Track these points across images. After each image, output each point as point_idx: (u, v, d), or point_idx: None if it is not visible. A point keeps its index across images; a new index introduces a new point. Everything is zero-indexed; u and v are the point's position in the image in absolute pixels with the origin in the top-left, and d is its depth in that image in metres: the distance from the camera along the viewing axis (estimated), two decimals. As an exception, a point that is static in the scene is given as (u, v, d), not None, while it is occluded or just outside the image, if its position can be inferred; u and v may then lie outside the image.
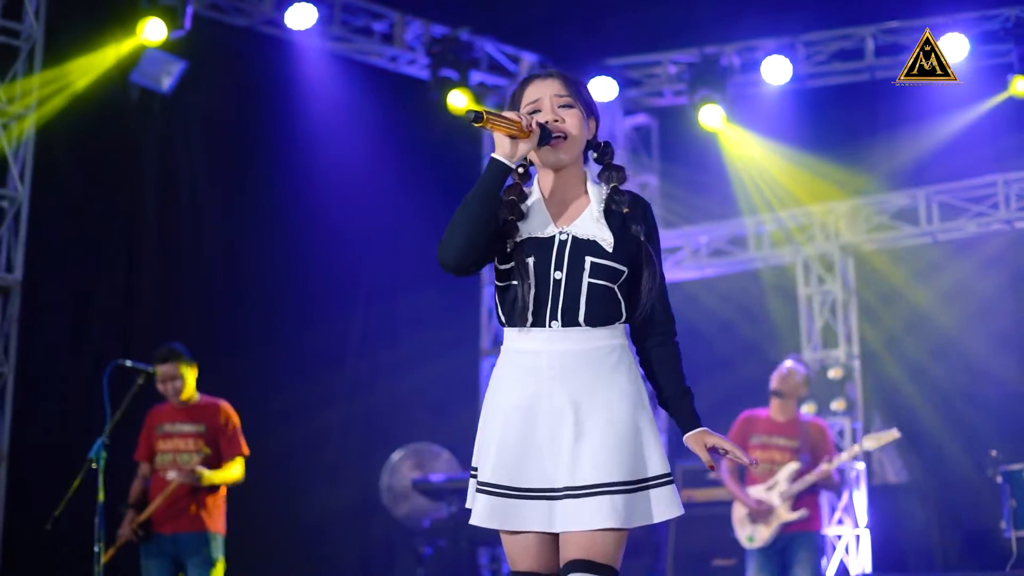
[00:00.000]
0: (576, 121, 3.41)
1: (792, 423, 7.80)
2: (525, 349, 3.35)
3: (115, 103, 9.58)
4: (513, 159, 3.31)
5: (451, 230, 3.30)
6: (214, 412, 7.01)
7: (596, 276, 3.32)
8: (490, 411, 3.39)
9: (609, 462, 3.21)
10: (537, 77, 3.50)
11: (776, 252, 10.74)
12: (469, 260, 3.30)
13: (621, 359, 3.35)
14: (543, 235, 3.37)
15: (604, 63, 11.18)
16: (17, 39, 8.75)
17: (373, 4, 10.43)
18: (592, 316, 3.31)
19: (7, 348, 8.49)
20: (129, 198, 9.83)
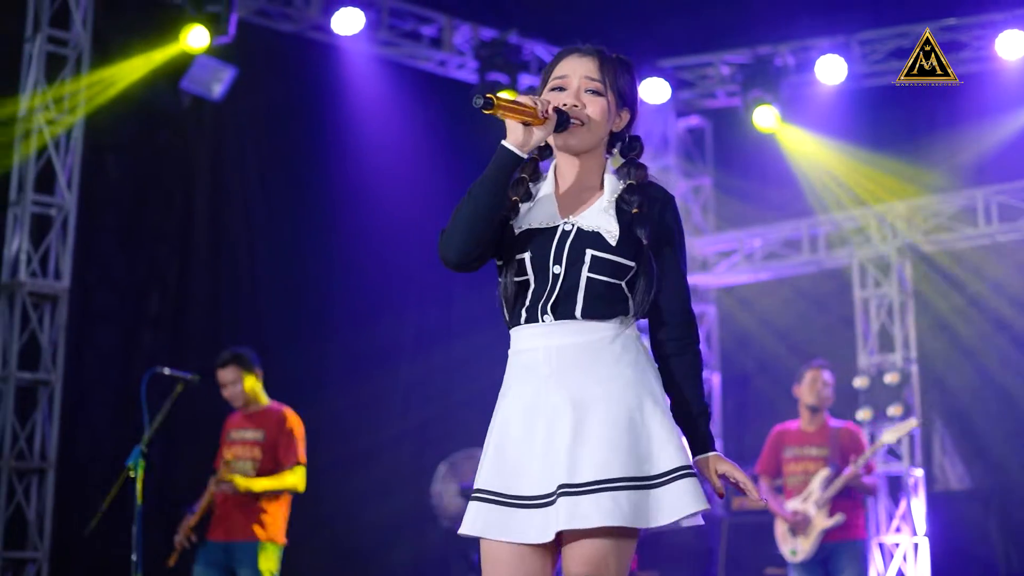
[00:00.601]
0: (599, 109, 3.13)
1: (822, 431, 7.73)
2: (522, 348, 3.13)
3: (166, 110, 9.64)
4: (525, 148, 3.04)
5: (454, 222, 3.07)
6: (274, 419, 6.95)
7: (597, 271, 3.06)
8: (493, 423, 3.17)
9: (610, 457, 2.94)
10: (575, 52, 3.20)
11: (832, 254, 10.56)
12: (473, 255, 3.09)
13: (626, 348, 3.08)
14: (546, 226, 3.13)
15: (656, 64, 11.07)
16: (65, 48, 8.80)
17: (421, 8, 10.38)
18: (589, 311, 3.06)
19: (55, 356, 8.53)
20: (180, 205, 9.86)
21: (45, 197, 8.63)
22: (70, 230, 8.66)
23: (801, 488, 7.61)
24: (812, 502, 7.50)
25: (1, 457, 8.24)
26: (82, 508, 8.18)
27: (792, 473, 7.69)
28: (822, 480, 7.51)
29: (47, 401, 8.47)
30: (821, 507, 7.47)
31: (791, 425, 7.87)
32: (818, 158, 10.68)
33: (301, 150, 10.47)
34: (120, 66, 9.06)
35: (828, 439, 7.64)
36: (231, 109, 9.82)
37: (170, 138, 9.81)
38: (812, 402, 7.70)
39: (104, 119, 9.10)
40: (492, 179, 3.05)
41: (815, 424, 7.74)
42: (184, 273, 9.79)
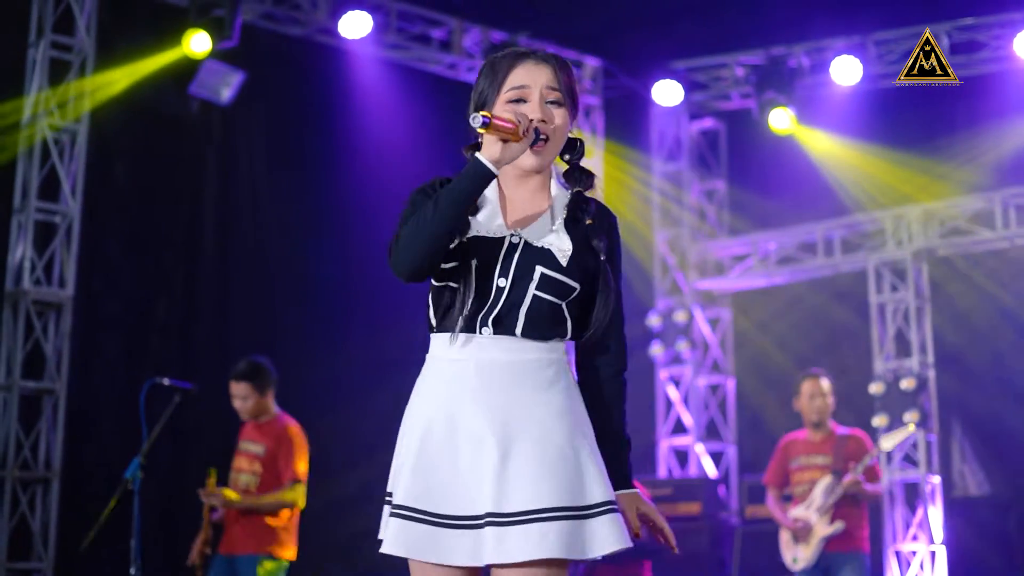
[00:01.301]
0: (563, 121, 3.04)
1: (828, 439, 7.64)
2: (451, 357, 2.98)
3: (173, 115, 9.57)
4: (500, 165, 2.91)
5: (414, 235, 2.90)
6: (277, 433, 6.87)
7: (543, 289, 2.95)
8: (407, 427, 3.03)
9: (540, 487, 2.82)
10: (528, 58, 3.06)
11: (847, 258, 10.42)
12: (428, 268, 2.94)
13: (559, 375, 2.97)
14: (492, 235, 3.00)
15: (669, 66, 10.96)
16: (69, 53, 8.74)
17: (430, 11, 10.28)
18: (530, 330, 2.94)
19: (59, 364, 8.47)
20: (188, 210, 9.79)
21: (49, 204, 8.57)
22: (74, 237, 8.60)
23: (806, 496, 7.54)
24: (814, 509, 7.43)
25: (5, 467, 8.18)
26: (87, 518, 8.06)
27: (799, 482, 7.62)
28: (824, 487, 7.42)
29: (51, 410, 8.41)
30: (822, 514, 7.39)
31: (799, 435, 7.79)
32: (833, 160, 10.55)
33: (310, 154, 10.39)
34: (125, 71, 9.00)
35: (833, 447, 7.55)
36: (239, 114, 9.75)
37: (177, 143, 9.74)
38: (814, 419, 7.63)
39: (110, 124, 9.05)
40: (464, 193, 2.91)
41: (821, 433, 7.66)
42: (192, 280, 9.72)
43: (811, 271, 10.69)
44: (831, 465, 7.48)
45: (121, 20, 9.17)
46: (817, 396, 7.63)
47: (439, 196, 2.91)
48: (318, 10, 9.77)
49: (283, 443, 6.82)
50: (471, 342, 2.96)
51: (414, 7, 10.20)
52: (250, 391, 6.85)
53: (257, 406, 6.86)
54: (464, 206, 2.91)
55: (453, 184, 2.93)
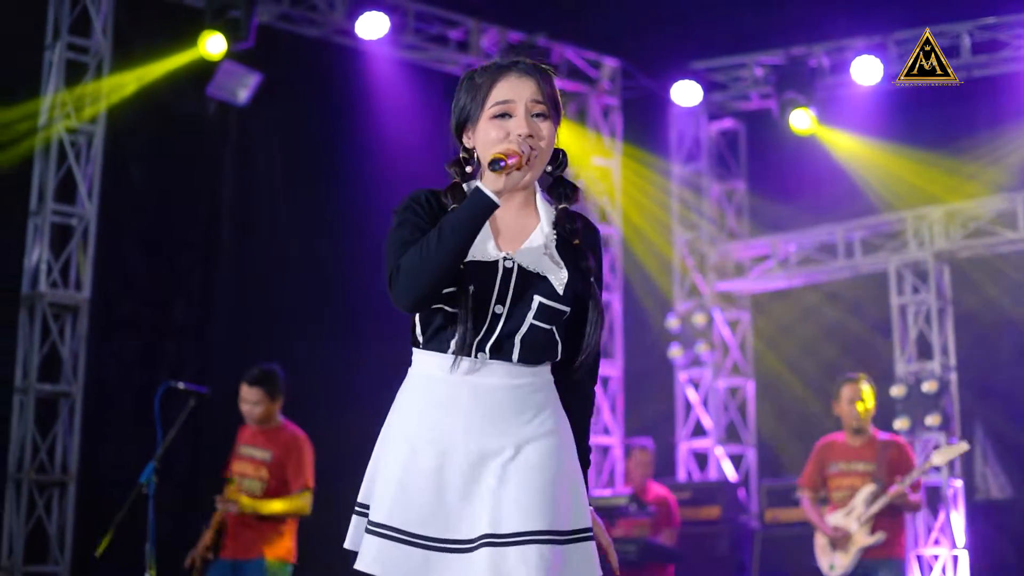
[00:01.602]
0: (549, 136, 2.96)
1: (869, 445, 7.44)
2: (443, 378, 2.92)
3: (190, 116, 9.54)
4: (504, 194, 2.85)
5: (418, 267, 2.83)
6: (285, 440, 6.82)
7: (540, 318, 2.92)
8: (392, 442, 2.96)
9: (539, 508, 2.80)
10: (511, 71, 2.98)
11: (868, 259, 10.32)
12: (431, 299, 2.89)
13: (548, 399, 2.96)
14: (484, 258, 2.93)
15: (688, 66, 10.88)
16: (85, 55, 8.73)
17: (447, 12, 10.24)
18: (526, 356, 2.91)
19: (75, 367, 8.45)
20: (205, 212, 9.76)
21: (66, 207, 8.55)
22: (91, 240, 8.58)
23: (846, 503, 7.37)
24: (854, 518, 7.28)
25: (22, 470, 8.18)
26: (103, 521, 8.01)
27: (838, 488, 7.44)
28: (866, 496, 7.27)
29: (68, 413, 8.40)
30: (863, 524, 7.24)
31: (836, 438, 7.58)
32: (854, 161, 10.46)
33: (327, 156, 10.34)
34: (141, 72, 8.97)
35: (876, 454, 7.39)
36: (256, 115, 9.71)
37: (194, 144, 9.71)
38: (854, 424, 7.46)
39: (127, 126, 9.03)
40: (468, 226, 2.84)
41: (861, 438, 7.47)
42: (209, 282, 9.69)
43: (831, 273, 10.61)
44: (873, 473, 7.30)
45: (137, 22, 9.15)
46: (858, 400, 7.48)
47: (442, 228, 2.84)
48: (335, 11, 9.74)
49: (292, 451, 6.77)
50: (465, 365, 2.91)
51: (431, 7, 10.16)
52: (262, 397, 6.80)
53: (266, 412, 6.82)
54: (469, 238, 2.84)
55: (456, 216, 2.86)
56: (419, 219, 2.94)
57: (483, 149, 2.96)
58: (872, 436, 7.48)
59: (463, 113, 3.02)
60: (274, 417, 6.87)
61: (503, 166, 2.80)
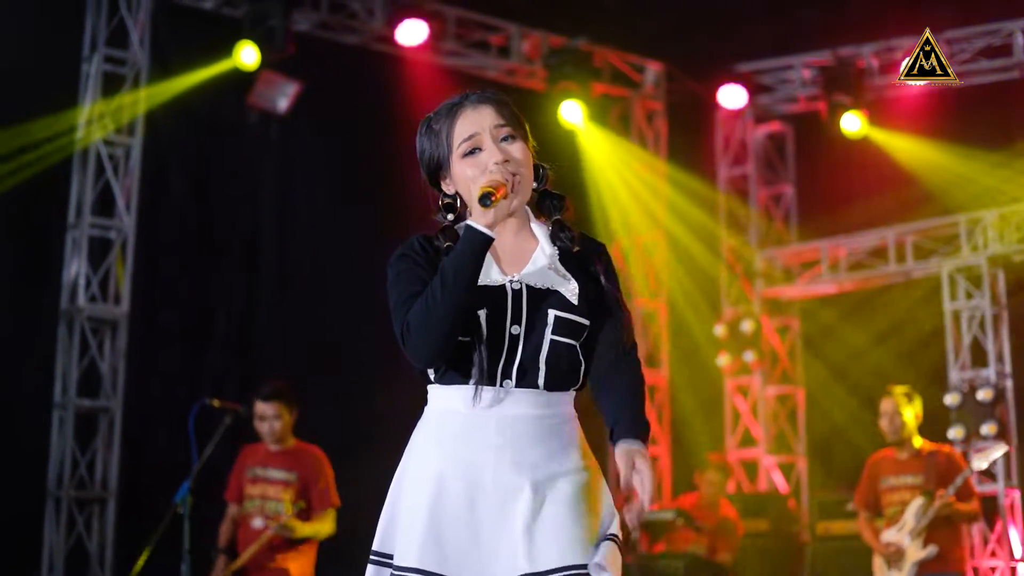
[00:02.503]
0: (524, 155, 2.91)
1: (916, 457, 7.30)
2: (465, 411, 2.81)
3: (230, 126, 9.46)
4: (495, 226, 2.78)
5: (428, 321, 2.74)
6: (308, 460, 6.70)
7: (560, 332, 2.82)
8: (413, 482, 2.84)
9: (576, 542, 2.71)
10: (464, 106, 2.95)
11: (920, 264, 10.08)
12: (449, 349, 2.78)
13: (573, 433, 2.87)
14: (491, 283, 2.85)
15: (733, 69, 10.71)
16: (123, 67, 8.67)
17: (488, 17, 10.11)
18: (552, 379, 2.82)
19: (115, 382, 8.38)
20: (246, 222, 9.67)
21: (104, 220, 8.49)
22: (129, 253, 8.51)
23: (898, 518, 7.21)
24: (906, 532, 7.11)
25: (61, 486, 8.11)
26: (144, 538, 7.97)
27: (890, 504, 7.29)
28: (915, 509, 7.10)
29: (107, 428, 8.33)
30: (915, 537, 7.07)
31: (886, 453, 7.45)
32: (905, 163, 10.22)
33: (369, 164, 10.21)
34: (179, 83, 8.90)
35: (923, 466, 7.22)
36: (297, 124, 9.62)
37: (235, 154, 9.63)
38: (891, 438, 7.35)
39: (166, 137, 8.98)
40: (469, 265, 2.75)
41: (908, 451, 7.33)
42: (250, 294, 9.59)
43: (882, 277, 10.37)
44: (922, 485, 7.14)
45: (175, 33, 9.08)
46: (887, 415, 7.35)
47: (443, 273, 2.76)
48: (374, 18, 9.64)
49: (318, 470, 6.65)
50: (488, 396, 2.81)
51: (472, 13, 10.03)
52: (281, 410, 6.67)
53: (284, 428, 6.69)
54: (472, 278, 2.76)
55: (454, 260, 2.77)
56: (417, 267, 2.88)
57: (465, 189, 2.91)
58: (919, 448, 7.33)
59: (432, 162, 3.00)
60: (290, 435, 6.74)
61: (493, 200, 2.74)
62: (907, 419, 7.31)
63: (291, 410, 6.71)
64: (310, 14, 9.38)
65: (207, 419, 6.48)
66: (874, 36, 10.09)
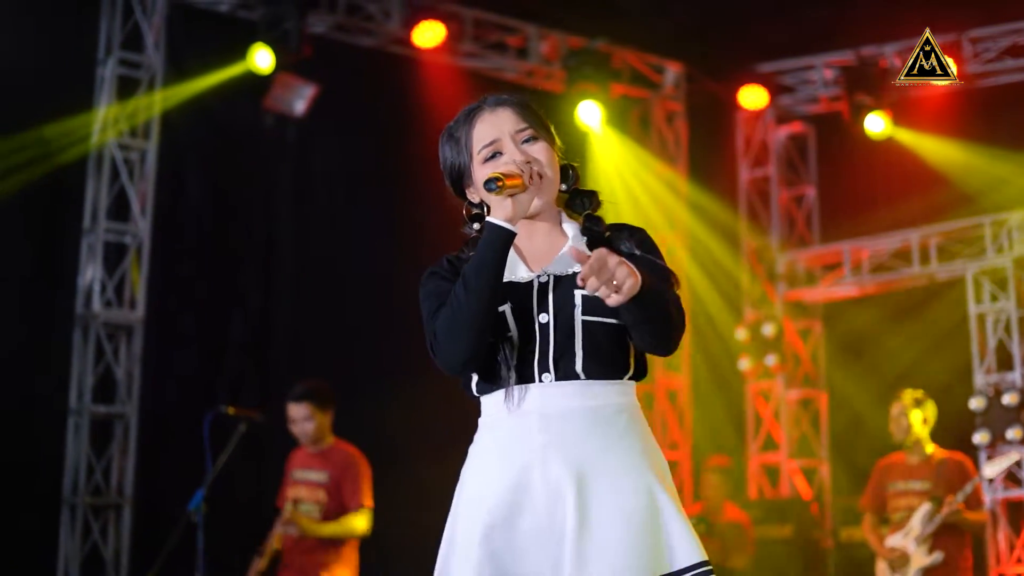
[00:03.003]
0: (547, 156, 2.84)
1: (926, 463, 7.26)
2: (507, 415, 2.73)
3: (247, 129, 9.39)
4: (516, 220, 2.71)
5: (454, 326, 2.68)
6: (340, 460, 6.63)
7: (591, 312, 2.71)
8: (466, 504, 2.75)
9: (624, 562, 2.58)
10: (482, 110, 2.89)
11: (944, 266, 9.95)
12: (480, 353, 2.71)
13: (632, 422, 2.73)
14: (516, 279, 2.80)
15: (754, 70, 10.60)
16: (138, 70, 8.61)
17: (507, 18, 10.01)
18: (592, 365, 2.70)
19: (130, 388, 8.32)
20: (263, 227, 9.59)
21: (119, 224, 8.43)
22: (144, 257, 8.45)
23: (904, 523, 7.18)
24: (911, 538, 7.05)
25: (76, 493, 8.05)
26: (160, 545, 7.93)
27: (896, 509, 7.26)
28: (922, 515, 7.03)
29: (123, 435, 8.27)
30: (920, 544, 7.00)
31: (896, 458, 7.43)
32: (929, 164, 10.08)
33: (386, 167, 10.13)
34: (195, 86, 8.84)
35: (933, 472, 7.16)
36: (314, 127, 9.54)
37: (251, 158, 9.55)
38: (898, 440, 7.34)
39: (181, 141, 8.92)
40: (491, 265, 2.68)
41: (918, 455, 7.28)
42: (267, 299, 9.50)
43: (906, 280, 10.23)
44: (930, 491, 7.11)
45: (190, 35, 9.01)
46: (893, 418, 7.33)
47: (465, 276, 2.69)
48: (390, 20, 9.55)
49: (349, 469, 6.58)
50: (530, 393, 2.71)
51: (489, 14, 9.94)
52: (311, 412, 6.61)
53: (319, 429, 6.62)
54: (494, 276, 2.69)
55: (476, 259, 2.70)
56: (446, 282, 2.80)
57: (488, 195, 2.81)
58: (930, 454, 7.27)
59: (454, 170, 2.93)
60: (327, 435, 6.68)
61: (499, 184, 2.66)
62: (914, 423, 7.26)
63: (324, 410, 6.64)
64: (326, 16, 9.30)
65: (223, 427, 6.43)
66: (896, 35, 9.95)
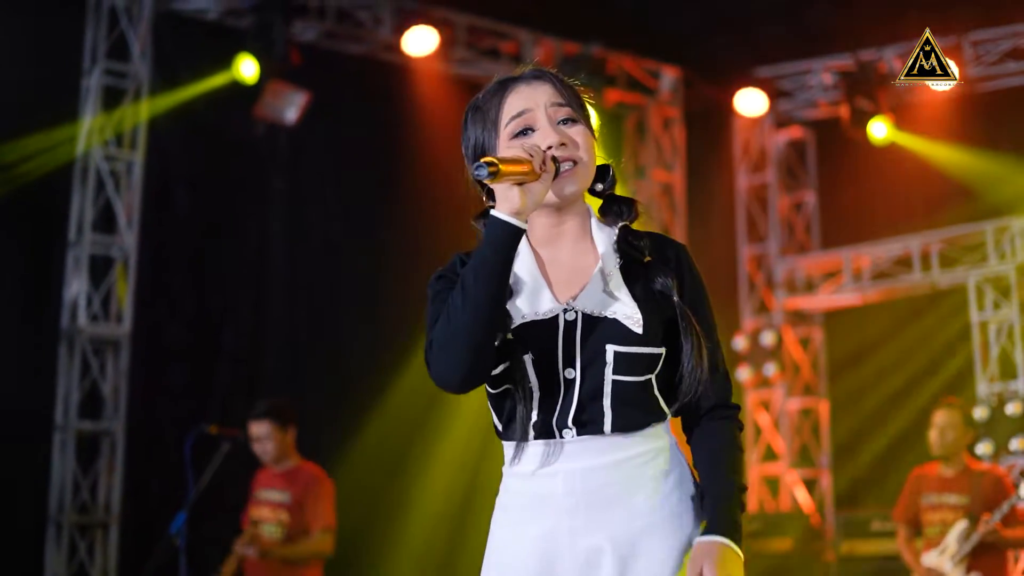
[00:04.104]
0: (585, 140, 2.50)
1: (962, 476, 6.88)
2: (530, 472, 2.47)
3: (238, 140, 9.25)
4: (524, 215, 2.36)
5: (449, 335, 2.37)
6: (303, 480, 6.50)
7: (623, 371, 2.41)
8: (498, 562, 2.52)
9: None
10: (518, 81, 2.54)
11: (946, 273, 9.78)
12: (478, 372, 2.42)
13: (668, 465, 2.46)
14: (541, 315, 2.46)
15: (752, 74, 10.44)
16: (124, 80, 8.48)
17: (498, 23, 9.86)
18: (623, 422, 2.42)
19: (117, 404, 8.18)
20: (255, 237, 9.46)
21: (105, 237, 8.30)
22: (131, 270, 8.32)
23: (938, 539, 6.82)
24: (948, 557, 6.75)
25: (62, 511, 7.92)
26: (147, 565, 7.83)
27: (930, 523, 6.89)
28: (959, 534, 6.73)
29: (110, 451, 8.14)
30: (957, 563, 6.70)
31: (930, 468, 7.05)
32: (930, 169, 9.94)
33: (379, 176, 10.01)
34: (183, 95, 8.71)
35: (969, 486, 6.84)
36: (306, 135, 9.41)
37: (242, 167, 9.42)
38: (938, 452, 6.93)
39: (171, 151, 8.79)
40: (492, 265, 2.35)
41: (954, 468, 6.92)
42: (259, 311, 9.36)
43: (907, 287, 10.07)
44: (966, 506, 6.74)
45: (178, 44, 8.88)
46: (938, 427, 6.93)
47: (464, 279, 2.38)
48: (381, 27, 9.41)
49: (311, 489, 6.46)
50: (553, 450, 2.44)
51: (482, 20, 9.80)
52: (271, 430, 6.48)
53: (279, 448, 6.48)
54: (496, 283, 2.37)
55: (475, 260, 2.39)
56: (453, 286, 2.47)
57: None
58: (967, 466, 6.93)
59: (477, 149, 2.57)
60: (289, 454, 6.54)
61: (493, 169, 2.29)
62: (960, 436, 6.96)
63: (285, 428, 6.50)
64: (316, 24, 9.16)
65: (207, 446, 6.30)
66: (896, 38, 9.81)
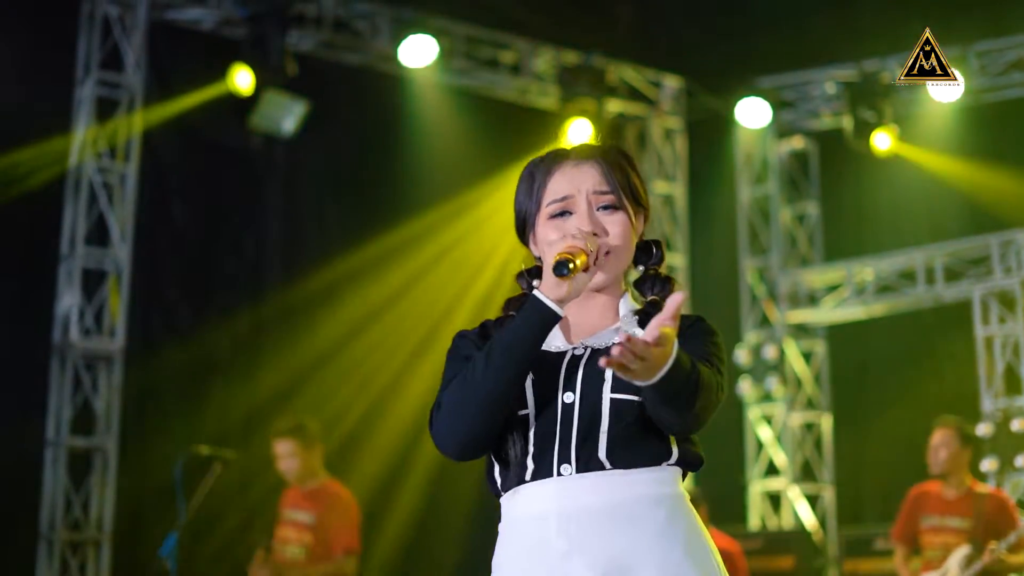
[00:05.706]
0: (623, 229, 2.47)
1: (965, 498, 6.76)
2: (526, 514, 2.37)
3: (234, 150, 9.17)
4: (567, 302, 2.36)
5: (462, 399, 2.34)
6: (327, 500, 6.39)
7: (622, 388, 2.32)
8: None
9: None
10: (567, 159, 2.51)
11: (950, 287, 9.66)
12: (483, 441, 2.37)
13: (673, 517, 2.33)
14: (549, 350, 2.44)
15: (754, 84, 10.33)
16: (118, 90, 8.38)
17: (498, 33, 9.76)
18: (619, 452, 2.32)
19: (109, 419, 8.07)
20: (252, 249, 9.36)
21: (98, 250, 8.20)
22: (124, 284, 8.21)
23: (939, 563, 6.69)
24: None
25: (54, 528, 7.82)
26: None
27: (930, 545, 6.77)
28: (960, 559, 6.58)
29: (102, 468, 8.03)
30: None
31: (931, 487, 6.95)
32: (935, 181, 9.84)
33: (377, 187, 9.91)
34: (177, 106, 8.61)
35: (972, 509, 6.71)
36: (303, 146, 9.32)
37: (239, 179, 9.33)
38: (935, 471, 6.84)
39: (166, 163, 8.71)
40: (524, 342, 2.33)
41: (957, 489, 6.81)
42: (256, 324, 9.26)
43: (912, 301, 9.96)
44: (969, 530, 6.62)
45: (173, 54, 8.80)
46: (932, 447, 6.86)
47: (491, 348, 2.34)
48: (379, 37, 9.30)
49: (335, 511, 6.34)
50: (547, 488, 2.34)
51: (481, 30, 9.70)
52: (295, 448, 6.38)
53: (304, 467, 6.38)
54: (524, 359, 2.34)
55: (508, 332, 2.35)
56: (475, 348, 2.44)
57: (544, 254, 2.48)
58: (969, 488, 6.82)
59: (521, 215, 2.58)
60: (315, 473, 6.44)
61: (570, 269, 2.29)
62: (955, 454, 6.84)
63: (309, 447, 6.39)
64: (313, 34, 9.06)
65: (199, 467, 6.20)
66: (899, 48, 9.70)
